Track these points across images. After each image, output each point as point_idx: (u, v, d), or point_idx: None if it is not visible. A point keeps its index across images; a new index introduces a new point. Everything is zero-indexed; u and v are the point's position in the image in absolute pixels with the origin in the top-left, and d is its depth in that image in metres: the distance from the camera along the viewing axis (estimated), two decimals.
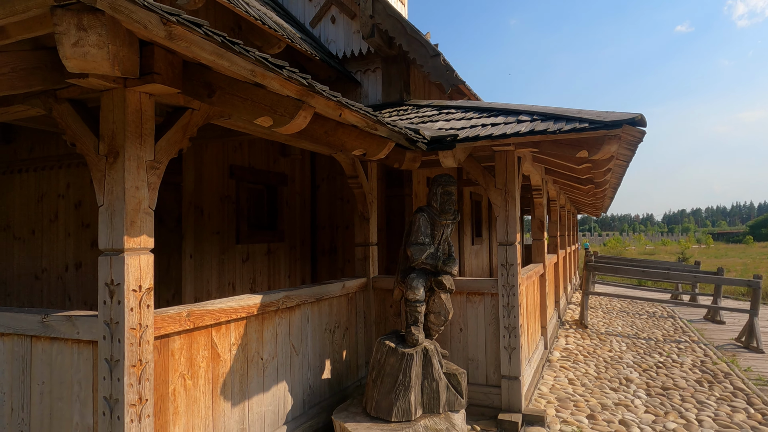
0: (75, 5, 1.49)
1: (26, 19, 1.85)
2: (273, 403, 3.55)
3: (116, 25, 1.65)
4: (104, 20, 1.55)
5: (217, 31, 1.82)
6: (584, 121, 3.45)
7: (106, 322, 2.41)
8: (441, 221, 3.96)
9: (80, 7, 1.50)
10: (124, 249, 2.38)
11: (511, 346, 4.40)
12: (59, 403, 2.61)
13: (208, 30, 1.73)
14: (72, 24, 1.52)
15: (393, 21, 6.03)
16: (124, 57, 1.85)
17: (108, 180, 2.42)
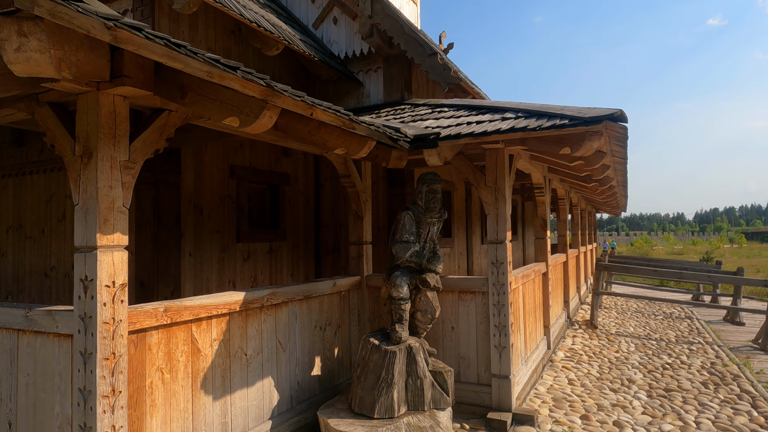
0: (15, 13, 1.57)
1: None
2: (257, 398, 3.63)
3: (62, 31, 1.73)
4: (44, 26, 1.63)
5: (159, 34, 1.88)
6: (564, 117, 3.41)
7: (80, 317, 2.50)
8: (426, 219, 3.97)
9: (21, 15, 1.58)
10: (97, 246, 2.47)
11: (501, 345, 4.38)
12: (42, 394, 2.72)
13: (149, 33, 1.80)
14: (13, 30, 1.61)
15: (391, 21, 6.05)
16: (79, 61, 1.93)
17: (82, 179, 2.52)
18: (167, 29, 4.92)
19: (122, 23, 1.69)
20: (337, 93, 7.03)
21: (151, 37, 1.79)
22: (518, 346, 5.04)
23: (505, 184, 4.39)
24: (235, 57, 5.79)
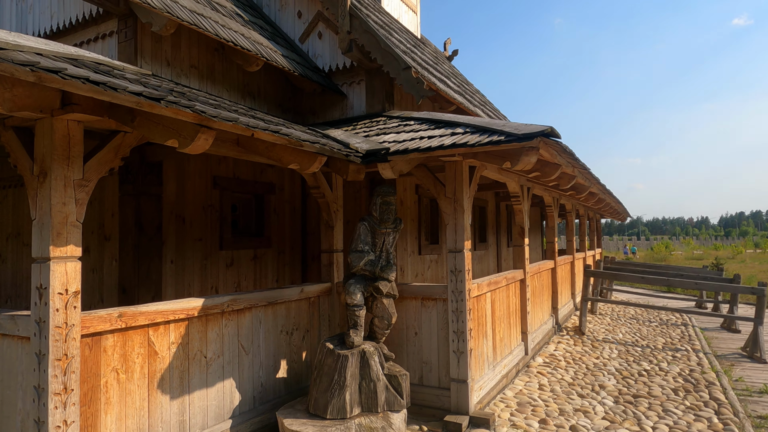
0: None
1: None
2: (218, 398, 3.86)
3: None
4: None
5: (80, 73, 2.12)
6: (503, 134, 3.58)
7: (36, 321, 2.77)
8: (381, 230, 4.17)
9: None
10: (51, 257, 2.73)
11: (459, 350, 4.54)
12: (8, 391, 2.99)
13: (65, 75, 2.04)
14: None
15: (368, 36, 6.27)
16: (15, 96, 2.19)
17: (39, 197, 2.79)
18: (150, 49, 5.21)
19: (40, 67, 1.94)
20: (323, 104, 7.27)
21: (69, 76, 2.04)
22: (484, 352, 5.19)
23: (464, 195, 4.56)
24: (219, 73, 6.07)
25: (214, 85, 6.01)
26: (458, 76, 14.07)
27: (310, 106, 7.33)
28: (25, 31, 5.91)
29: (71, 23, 5.48)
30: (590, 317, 10.56)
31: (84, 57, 2.88)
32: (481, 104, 11.02)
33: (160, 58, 5.31)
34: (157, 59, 5.28)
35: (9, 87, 2.11)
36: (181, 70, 5.56)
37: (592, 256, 14.81)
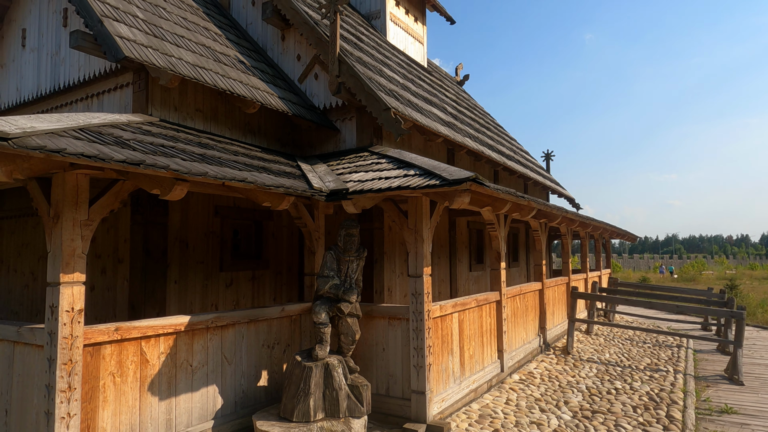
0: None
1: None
2: (201, 401, 4.52)
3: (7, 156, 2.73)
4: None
5: (74, 152, 2.84)
6: (439, 178, 4.18)
7: (48, 333, 3.50)
8: (345, 258, 4.80)
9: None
10: (60, 282, 3.47)
11: (419, 365, 5.10)
12: (27, 389, 3.73)
13: (65, 153, 2.76)
14: None
15: (354, 80, 6.97)
16: (31, 166, 2.94)
17: (53, 234, 3.54)
18: (159, 97, 6.03)
19: (46, 149, 2.67)
20: (318, 138, 7.99)
21: (68, 154, 2.76)
22: (449, 367, 5.72)
23: (424, 227, 5.16)
24: (221, 114, 6.87)
25: (218, 125, 6.80)
26: (462, 102, 14.67)
27: (307, 139, 8.07)
28: (58, 80, 6.84)
29: (95, 75, 6.36)
30: (584, 338, 10.86)
31: (90, 125, 3.65)
32: (476, 131, 11.58)
33: (168, 104, 6.13)
34: (165, 106, 6.10)
35: (27, 160, 2.85)
36: (187, 113, 6.37)
37: (597, 276, 15.01)
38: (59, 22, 6.85)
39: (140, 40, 5.53)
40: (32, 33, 7.28)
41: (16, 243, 7.52)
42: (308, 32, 7.58)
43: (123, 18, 5.70)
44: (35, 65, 7.20)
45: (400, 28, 13.24)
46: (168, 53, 5.76)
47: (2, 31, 7.79)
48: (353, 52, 7.85)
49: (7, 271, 7.64)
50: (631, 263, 75.46)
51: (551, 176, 17.73)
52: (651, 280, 31.54)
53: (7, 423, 3.88)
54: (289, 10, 7.80)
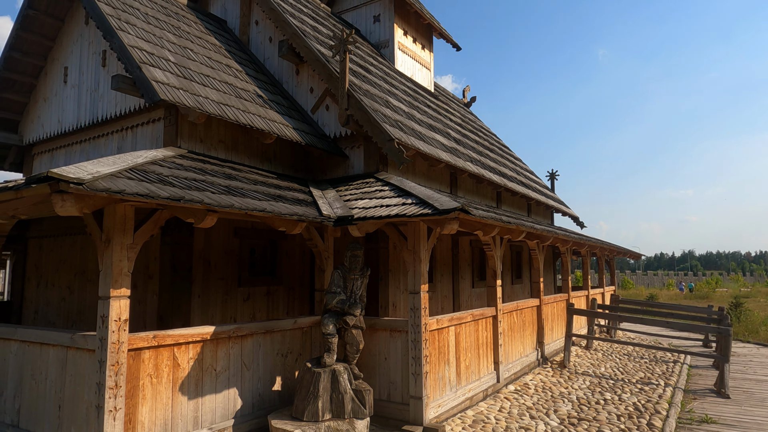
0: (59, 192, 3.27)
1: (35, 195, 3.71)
2: (224, 402, 5.14)
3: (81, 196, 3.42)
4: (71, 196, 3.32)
5: (131, 191, 3.52)
6: (432, 207, 4.80)
7: (99, 339, 4.16)
8: (350, 276, 5.43)
9: (61, 189, 3.27)
10: (110, 296, 4.14)
11: (416, 373, 5.67)
12: (78, 387, 4.39)
13: (125, 194, 3.44)
14: (57, 199, 3.31)
15: (361, 113, 7.67)
16: (95, 202, 3.63)
17: (105, 256, 4.22)
18: (187, 131, 6.77)
19: (110, 191, 3.35)
20: (329, 164, 8.69)
21: (126, 194, 3.45)
22: (446, 376, 6.28)
23: (421, 248, 5.78)
24: (242, 144, 7.59)
25: (238, 153, 7.52)
26: (467, 125, 15.34)
27: (319, 165, 8.77)
28: (97, 114, 7.63)
29: (130, 111, 7.13)
30: (583, 353, 11.30)
31: (136, 164, 4.35)
32: (479, 154, 12.21)
33: (195, 137, 6.87)
34: (193, 138, 6.83)
35: (93, 198, 3.54)
36: (211, 144, 7.10)
37: (599, 293, 15.42)
38: (98, 62, 7.67)
39: (172, 82, 6.28)
40: (73, 71, 8.12)
41: (54, 260, 8.27)
42: (320, 68, 8.31)
43: (157, 63, 6.47)
44: (76, 100, 8.01)
45: (407, 55, 14.00)
46: (196, 93, 6.51)
47: (46, 68, 8.65)
48: (361, 85, 8.57)
49: (45, 285, 8.39)
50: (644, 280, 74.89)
51: (556, 195, 18.23)
52: (659, 298, 31.57)
53: (60, 416, 4.53)
54: (302, 48, 8.56)
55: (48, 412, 4.63)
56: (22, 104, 8.91)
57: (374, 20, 13.77)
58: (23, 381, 4.93)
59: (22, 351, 5.00)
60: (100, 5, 6.71)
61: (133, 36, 6.66)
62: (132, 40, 6.51)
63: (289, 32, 8.73)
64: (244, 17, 10.20)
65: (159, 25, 7.69)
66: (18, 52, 8.28)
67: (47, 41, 8.41)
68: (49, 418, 4.61)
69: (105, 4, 6.85)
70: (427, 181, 9.55)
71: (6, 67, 8.32)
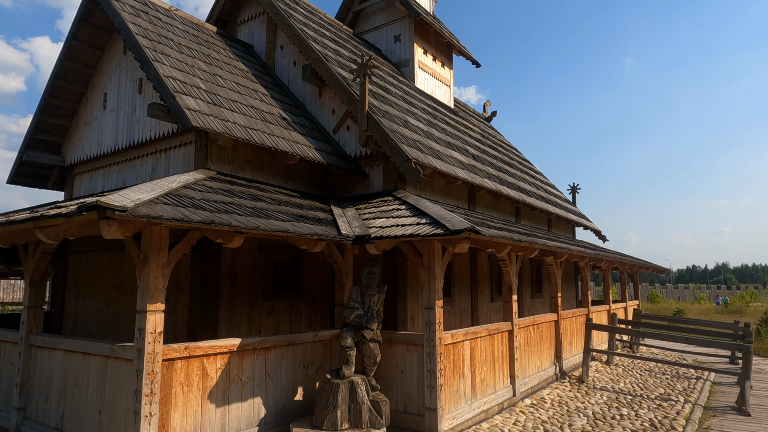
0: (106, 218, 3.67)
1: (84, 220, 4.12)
2: (249, 410, 5.47)
3: (124, 221, 3.81)
4: (116, 222, 3.72)
5: (169, 217, 3.90)
6: (444, 227, 5.07)
7: (137, 349, 4.55)
8: (368, 292, 5.72)
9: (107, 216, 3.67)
10: (147, 310, 4.53)
11: (431, 385, 5.90)
12: (118, 394, 4.77)
13: (163, 219, 3.82)
14: (104, 225, 3.71)
15: (380, 134, 8.01)
16: (134, 227, 4.02)
17: (142, 273, 4.62)
18: (216, 154, 7.21)
19: (151, 216, 3.74)
20: (350, 182, 9.04)
21: (165, 219, 3.83)
22: (461, 389, 6.48)
23: (436, 265, 6.04)
24: (267, 164, 8.00)
25: (263, 173, 7.93)
26: (486, 140, 15.56)
27: (340, 183, 9.13)
28: (133, 137, 8.16)
29: (164, 135, 7.62)
30: (602, 368, 11.29)
31: (171, 189, 4.76)
32: (497, 170, 12.41)
33: (223, 159, 7.31)
34: (221, 160, 7.27)
35: (134, 222, 3.94)
36: (238, 165, 7.53)
37: (622, 307, 15.32)
38: (135, 89, 8.22)
39: (203, 109, 6.74)
40: (112, 97, 8.70)
41: (92, 274, 8.80)
42: (341, 91, 8.71)
43: (189, 91, 6.94)
44: (114, 124, 8.58)
45: (427, 73, 14.36)
46: (224, 118, 6.95)
47: (87, 94, 9.27)
48: (380, 107, 8.92)
49: (84, 297, 8.92)
50: (675, 293, 72.94)
51: (577, 209, 18.22)
52: (687, 312, 30.84)
53: (100, 421, 4.93)
54: (325, 72, 8.98)
55: (89, 417, 5.03)
56: (65, 128, 9.54)
57: (395, 40, 14.18)
58: (67, 387, 5.36)
59: (66, 360, 5.44)
60: (138, 38, 7.25)
61: (168, 66, 7.16)
62: (166, 70, 7.01)
63: (312, 57, 9.17)
64: (270, 42, 10.72)
65: (191, 54, 8.21)
66: (62, 80, 8.91)
67: (88, 69, 9.04)
68: (90, 423, 5.01)
69: (142, 37, 7.39)
70: (445, 197, 9.81)
71: (51, 94, 8.97)
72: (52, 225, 4.23)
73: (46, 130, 9.35)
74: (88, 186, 9.21)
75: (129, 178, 8.34)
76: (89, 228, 4.44)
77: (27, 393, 5.88)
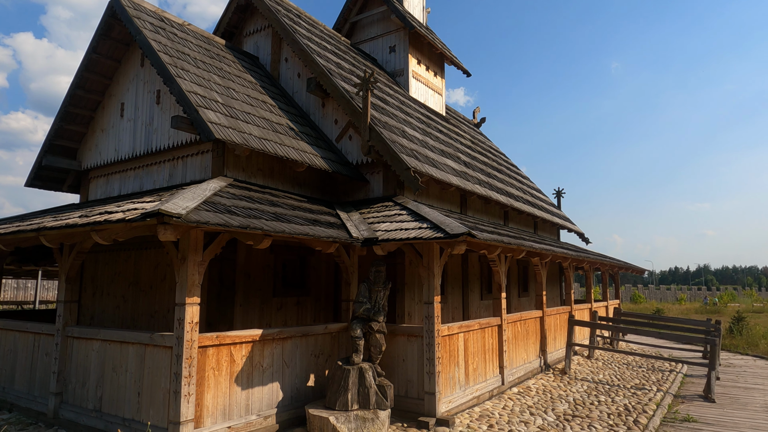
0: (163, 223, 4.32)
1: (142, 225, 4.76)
2: (268, 394, 6.13)
3: (172, 225, 4.46)
4: (170, 227, 4.37)
5: (214, 221, 4.55)
6: (443, 231, 5.79)
7: (176, 337, 5.19)
8: (375, 288, 6.42)
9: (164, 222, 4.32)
10: (185, 303, 5.17)
11: (430, 372, 6.61)
12: (156, 377, 5.41)
13: (199, 222, 4.48)
14: (161, 229, 4.36)
15: (382, 144, 8.71)
16: (182, 230, 4.67)
17: (181, 271, 5.26)
18: (232, 162, 7.85)
19: (200, 221, 4.39)
20: (352, 188, 9.72)
21: (207, 224, 4.48)
22: (455, 376, 7.20)
23: (435, 265, 6.75)
24: (277, 172, 8.66)
25: (273, 180, 8.59)
26: (476, 146, 16.34)
27: (342, 188, 9.81)
28: (151, 144, 8.75)
29: (182, 143, 8.24)
30: (584, 361, 12.11)
31: (206, 197, 5.41)
32: (487, 176, 13.18)
33: (238, 167, 7.95)
34: (237, 168, 7.92)
35: (184, 226, 4.59)
36: (251, 172, 8.18)
37: (603, 306, 16.20)
38: (153, 100, 8.82)
39: (222, 122, 7.38)
40: (129, 106, 9.28)
41: (110, 272, 9.37)
42: (344, 104, 9.39)
43: (209, 104, 7.58)
44: (131, 132, 9.16)
45: (420, 82, 15.09)
46: (241, 130, 7.60)
47: (103, 103, 9.83)
48: (380, 118, 9.62)
49: (101, 294, 9.47)
50: (657, 294, 74.66)
51: (562, 213, 19.10)
52: (666, 312, 32.03)
53: (139, 401, 5.56)
54: (329, 86, 9.66)
55: (128, 399, 5.66)
56: (81, 134, 10.08)
57: (390, 50, 14.90)
58: (105, 373, 5.97)
59: (104, 349, 6.06)
60: (161, 55, 7.86)
61: (188, 81, 7.78)
62: (188, 85, 7.64)
63: (317, 71, 9.83)
64: (275, 54, 11.37)
65: (206, 68, 8.84)
66: (82, 90, 9.47)
67: (105, 79, 9.60)
68: (130, 403, 5.63)
69: (164, 54, 8.00)
70: (440, 202, 10.54)
71: (71, 103, 9.52)
72: (109, 228, 4.86)
73: (64, 137, 9.89)
74: (104, 189, 9.77)
75: (146, 183, 8.93)
76: (136, 231, 5.08)
77: (64, 380, 6.47)
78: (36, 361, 7.08)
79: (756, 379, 11.09)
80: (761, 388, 9.98)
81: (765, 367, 12.72)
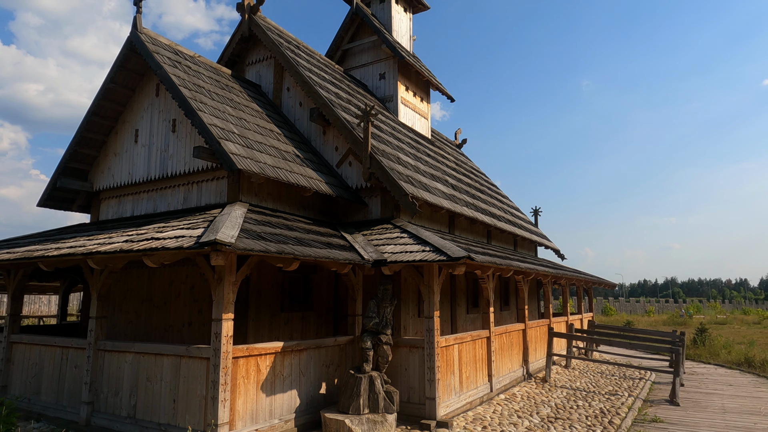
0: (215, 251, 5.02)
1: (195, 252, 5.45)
2: (288, 400, 6.81)
3: (223, 252, 5.17)
4: (222, 254, 5.07)
5: (257, 249, 5.28)
6: (444, 254, 6.63)
7: (213, 349, 5.86)
8: (383, 304, 7.20)
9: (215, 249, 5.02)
10: (222, 318, 5.86)
11: (430, 379, 7.40)
12: (192, 385, 6.05)
13: (247, 250, 5.20)
14: (214, 255, 5.07)
15: (381, 171, 9.54)
16: (228, 256, 5.37)
17: (217, 290, 5.95)
18: (246, 187, 8.56)
19: (246, 249, 5.11)
20: (351, 210, 10.50)
21: (249, 251, 5.21)
22: (452, 383, 8.00)
23: (434, 283, 7.57)
24: (284, 196, 9.38)
25: (281, 203, 9.31)
26: (460, 167, 17.34)
27: (342, 211, 10.59)
28: (166, 170, 9.38)
29: (198, 169, 8.90)
30: (562, 370, 13.06)
31: (236, 223, 6.12)
32: (473, 198, 14.15)
33: (251, 192, 8.66)
34: (250, 193, 8.63)
35: (232, 252, 5.30)
36: (262, 197, 8.89)
37: (578, 319, 17.25)
38: (168, 128, 9.48)
39: (241, 153, 8.10)
40: (143, 133, 9.90)
41: (122, 289, 9.89)
42: (346, 133, 10.21)
43: (228, 137, 8.30)
44: (146, 157, 9.78)
45: (408, 108, 16.04)
46: (257, 160, 8.33)
47: (116, 128, 10.42)
48: (378, 146, 10.47)
49: (112, 310, 9.97)
50: (627, 306, 77.09)
51: (539, 230, 20.23)
52: (636, 324, 33.58)
53: (174, 408, 6.18)
54: (331, 116, 10.47)
55: (164, 405, 6.27)
56: (93, 157, 10.62)
57: (380, 77, 15.82)
58: (139, 383, 6.57)
59: (137, 360, 6.65)
60: (182, 89, 8.55)
61: (208, 114, 8.49)
62: (208, 118, 8.34)
63: (319, 102, 10.64)
64: (277, 83, 12.14)
65: (220, 100, 9.55)
66: (97, 116, 10.05)
67: (119, 107, 10.21)
68: (165, 410, 6.24)
69: (183, 88, 8.70)
70: (430, 223, 11.40)
71: (87, 128, 10.08)
72: (161, 254, 5.53)
73: (77, 160, 10.41)
74: (116, 210, 10.32)
75: (160, 205, 9.54)
76: (178, 255, 5.76)
77: (95, 390, 7.02)
78: (65, 373, 7.58)
79: (716, 385, 12.20)
80: (720, 393, 11.06)
81: (725, 375, 13.90)
